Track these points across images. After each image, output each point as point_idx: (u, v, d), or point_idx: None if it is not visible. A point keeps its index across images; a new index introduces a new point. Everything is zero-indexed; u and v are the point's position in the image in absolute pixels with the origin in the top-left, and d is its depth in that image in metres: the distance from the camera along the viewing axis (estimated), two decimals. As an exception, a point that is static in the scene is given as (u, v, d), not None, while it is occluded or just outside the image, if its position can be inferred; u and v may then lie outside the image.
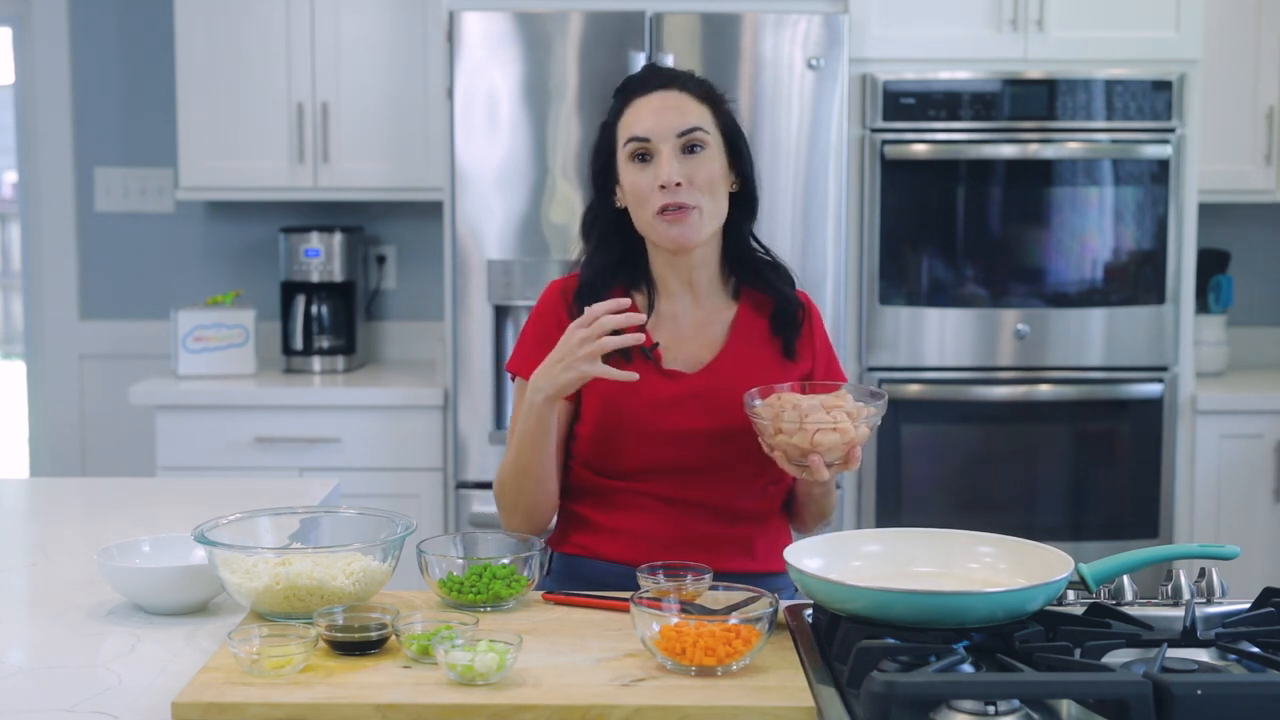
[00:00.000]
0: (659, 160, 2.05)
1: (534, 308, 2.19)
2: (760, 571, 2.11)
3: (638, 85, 2.11)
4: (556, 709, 1.57)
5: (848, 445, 1.94)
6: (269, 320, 4.42)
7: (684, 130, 2.06)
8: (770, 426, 1.95)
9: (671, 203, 2.04)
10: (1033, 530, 3.55)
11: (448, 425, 3.92)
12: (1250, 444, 4.01)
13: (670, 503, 2.11)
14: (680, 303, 2.15)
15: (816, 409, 1.94)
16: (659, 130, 2.06)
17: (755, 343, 2.16)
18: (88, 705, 1.57)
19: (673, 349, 2.13)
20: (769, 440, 1.96)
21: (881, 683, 1.41)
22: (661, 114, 2.07)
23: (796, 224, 3.78)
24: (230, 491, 2.70)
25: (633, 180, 2.07)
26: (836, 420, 1.93)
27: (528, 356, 2.13)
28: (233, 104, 4.16)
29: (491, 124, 3.76)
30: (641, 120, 2.07)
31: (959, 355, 3.93)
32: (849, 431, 1.94)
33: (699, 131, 2.07)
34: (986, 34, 3.89)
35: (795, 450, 1.94)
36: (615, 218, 2.14)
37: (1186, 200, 3.92)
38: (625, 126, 2.09)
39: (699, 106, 2.09)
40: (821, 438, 1.92)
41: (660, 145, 2.06)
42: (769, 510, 2.18)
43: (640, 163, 2.07)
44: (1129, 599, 1.83)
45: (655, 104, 2.08)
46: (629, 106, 2.10)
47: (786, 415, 1.93)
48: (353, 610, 1.75)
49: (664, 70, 2.14)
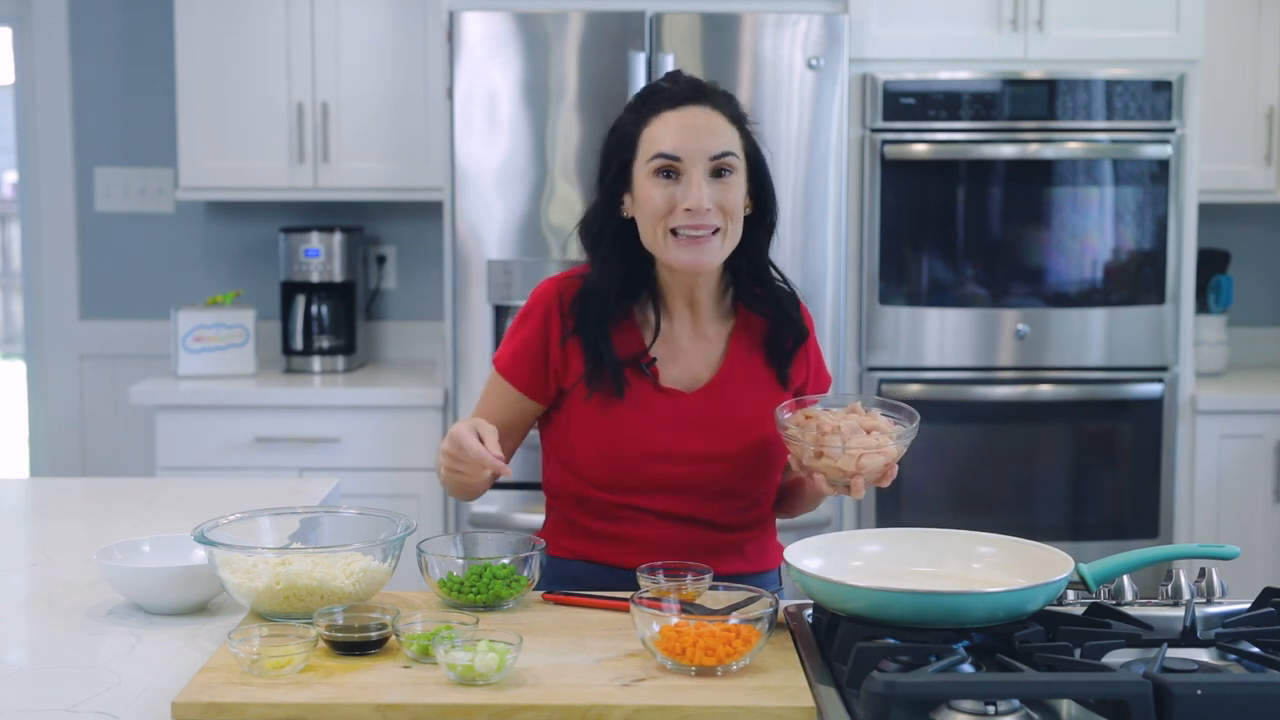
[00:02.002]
0: (688, 181, 2.00)
1: (525, 306, 2.15)
2: (751, 571, 2.13)
3: (668, 97, 2.04)
4: (556, 709, 1.57)
5: (888, 465, 1.94)
6: (269, 320, 4.42)
7: (717, 154, 2.01)
8: (811, 450, 1.92)
9: (694, 225, 2.00)
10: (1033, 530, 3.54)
11: (448, 425, 3.92)
12: (1250, 444, 4.01)
13: (666, 517, 2.10)
14: (679, 320, 2.12)
15: (858, 431, 1.92)
16: (692, 150, 2.00)
17: (752, 361, 2.14)
18: (88, 705, 1.57)
19: (670, 366, 2.11)
20: (808, 463, 1.94)
21: (881, 683, 1.41)
22: (695, 133, 2.01)
23: (796, 224, 3.78)
24: (230, 491, 2.70)
25: (652, 194, 2.01)
26: (880, 443, 1.92)
27: (510, 356, 2.12)
28: (233, 104, 4.16)
29: (491, 124, 3.76)
30: (673, 136, 2.01)
31: (959, 355, 3.93)
32: (893, 453, 1.93)
33: (730, 156, 2.02)
34: (986, 34, 3.89)
35: (838, 474, 1.92)
36: (622, 227, 2.08)
37: (1186, 200, 3.92)
38: (652, 139, 2.02)
39: (730, 128, 2.04)
40: (867, 460, 1.91)
41: (691, 166, 2.00)
42: (760, 518, 2.18)
43: (664, 179, 2.01)
44: (1129, 599, 1.83)
45: (688, 121, 2.01)
46: (656, 117, 2.03)
47: (829, 440, 1.91)
48: (353, 610, 1.75)
49: (694, 82, 2.07)
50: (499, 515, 3.78)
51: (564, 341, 2.09)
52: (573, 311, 2.09)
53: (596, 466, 2.09)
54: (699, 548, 2.09)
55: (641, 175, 2.04)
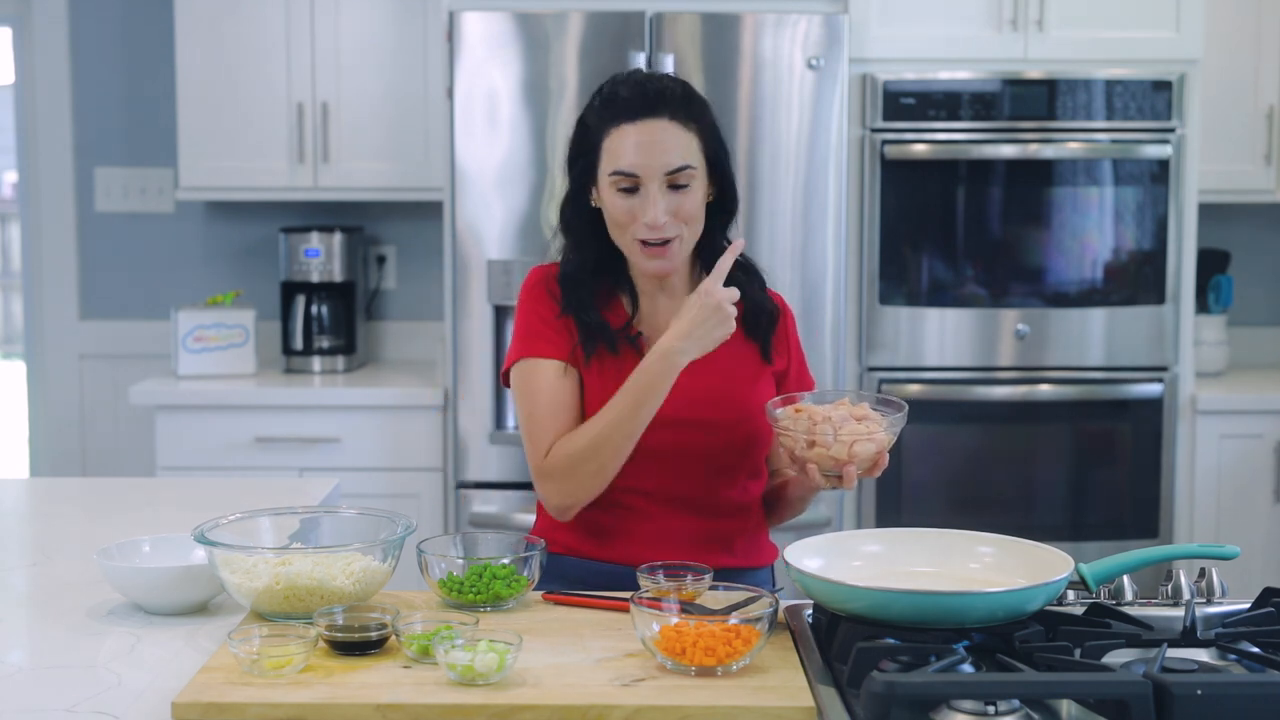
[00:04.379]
0: (646, 197, 2.05)
1: (521, 296, 2.19)
2: (740, 567, 2.14)
3: (625, 108, 2.07)
4: (556, 709, 1.57)
5: (879, 453, 1.95)
6: (269, 320, 4.41)
7: (673, 169, 2.05)
8: (803, 439, 1.94)
9: (654, 237, 2.06)
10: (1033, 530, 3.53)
11: (448, 425, 3.92)
12: (1250, 444, 4.01)
13: (651, 496, 2.12)
14: (657, 300, 2.17)
15: (848, 420, 1.94)
16: (647, 168, 2.05)
17: (735, 340, 2.13)
18: (88, 705, 1.57)
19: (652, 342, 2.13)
20: (800, 453, 1.96)
21: (881, 683, 1.41)
22: (649, 150, 2.05)
23: (796, 224, 3.78)
24: (230, 491, 2.70)
25: (615, 205, 2.07)
26: (871, 431, 1.94)
27: (534, 338, 2.13)
28: (233, 104, 4.16)
29: (491, 124, 3.76)
30: (627, 154, 2.05)
31: (959, 355, 3.93)
32: (884, 440, 1.95)
33: (687, 169, 2.06)
34: (986, 34, 3.89)
35: (831, 462, 1.94)
36: (592, 216, 2.14)
37: (1186, 200, 3.92)
38: (611, 152, 2.07)
39: (685, 135, 2.07)
40: (859, 448, 1.93)
41: (648, 181, 2.05)
42: (747, 506, 2.19)
43: (624, 192, 2.06)
44: (1129, 599, 1.83)
45: (644, 137, 2.05)
46: (615, 129, 2.07)
47: (820, 428, 1.93)
48: (353, 610, 1.75)
49: (650, 90, 2.08)
50: (499, 515, 3.78)
51: (564, 315, 2.14)
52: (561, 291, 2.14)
53: None
54: (688, 540, 2.10)
55: (604, 184, 2.09)
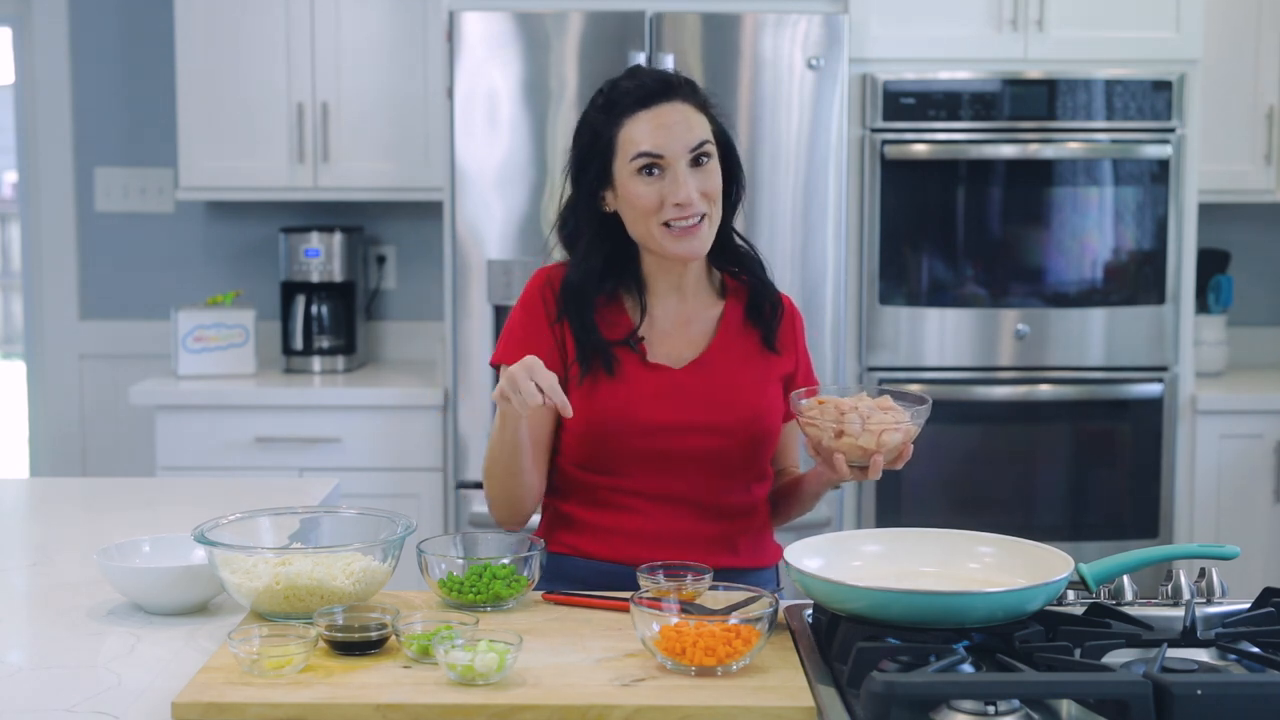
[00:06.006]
0: (674, 176, 2.06)
1: (520, 299, 2.19)
2: (743, 567, 2.14)
3: (636, 97, 2.09)
4: (556, 709, 1.57)
5: (905, 443, 1.96)
6: (269, 320, 4.41)
7: (695, 145, 2.07)
8: (831, 429, 1.95)
9: (685, 216, 2.06)
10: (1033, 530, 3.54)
11: (448, 425, 3.92)
12: (1250, 444, 4.01)
13: (655, 499, 2.12)
14: (666, 302, 2.17)
15: (875, 410, 1.95)
16: (672, 147, 2.06)
17: (742, 340, 2.17)
18: (88, 705, 1.57)
19: (657, 346, 2.15)
20: (828, 443, 1.96)
21: (881, 683, 1.41)
22: (671, 130, 2.07)
23: (796, 224, 3.78)
24: (230, 491, 2.70)
25: (640, 192, 2.07)
26: (899, 420, 1.95)
27: (515, 348, 2.12)
28: (233, 104, 4.16)
29: (491, 124, 3.76)
30: (651, 135, 2.07)
31: (959, 355, 3.93)
32: (911, 430, 1.96)
33: (707, 144, 2.09)
34: (986, 34, 3.89)
35: (859, 452, 1.94)
36: (601, 221, 2.14)
37: (1186, 200, 3.92)
38: (630, 140, 2.08)
39: (700, 117, 2.11)
40: (887, 437, 1.94)
41: (674, 160, 2.06)
42: (752, 507, 2.19)
43: (649, 175, 2.07)
44: (1129, 599, 1.83)
45: (663, 118, 2.07)
46: (630, 118, 2.08)
47: (849, 418, 1.94)
48: (353, 610, 1.75)
49: (660, 78, 2.12)
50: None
51: (559, 322, 2.14)
52: (561, 301, 2.14)
53: (586, 447, 2.12)
54: (690, 539, 2.10)
55: (625, 174, 2.09)
